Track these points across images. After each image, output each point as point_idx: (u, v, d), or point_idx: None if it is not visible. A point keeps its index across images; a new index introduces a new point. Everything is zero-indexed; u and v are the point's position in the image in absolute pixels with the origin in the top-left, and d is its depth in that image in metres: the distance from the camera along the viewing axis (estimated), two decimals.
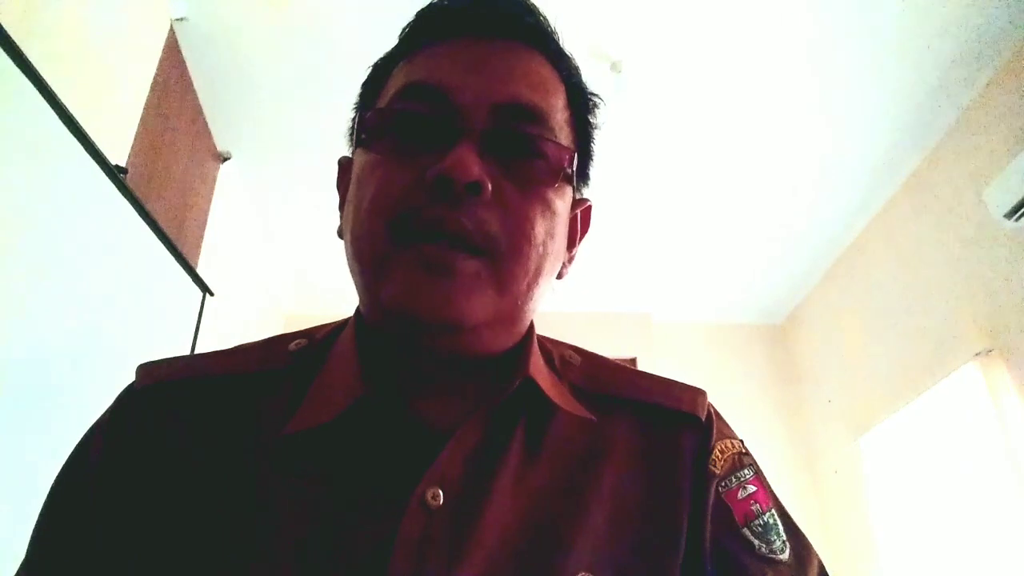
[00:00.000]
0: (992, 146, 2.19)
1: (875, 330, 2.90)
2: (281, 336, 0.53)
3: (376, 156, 0.46)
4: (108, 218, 1.63)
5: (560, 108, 0.48)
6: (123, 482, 0.44)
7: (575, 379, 0.52)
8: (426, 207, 0.42)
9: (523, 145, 0.46)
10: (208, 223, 2.50)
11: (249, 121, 2.49)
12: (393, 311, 0.42)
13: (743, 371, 3.68)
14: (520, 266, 0.44)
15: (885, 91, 2.29)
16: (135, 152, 1.89)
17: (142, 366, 0.50)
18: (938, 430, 2.44)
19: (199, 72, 2.25)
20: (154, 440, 0.44)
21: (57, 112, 1.38)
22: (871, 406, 2.88)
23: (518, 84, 0.46)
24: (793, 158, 2.61)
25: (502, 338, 0.47)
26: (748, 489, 0.50)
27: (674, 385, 0.53)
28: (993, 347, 2.17)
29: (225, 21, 2.08)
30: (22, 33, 1.29)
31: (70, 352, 1.47)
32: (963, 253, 2.33)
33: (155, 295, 1.91)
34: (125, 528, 0.43)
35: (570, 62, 0.51)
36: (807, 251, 3.20)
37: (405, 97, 0.46)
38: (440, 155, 0.42)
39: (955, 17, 2.01)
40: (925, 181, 2.57)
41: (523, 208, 0.44)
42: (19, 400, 1.30)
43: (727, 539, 0.47)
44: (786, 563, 0.48)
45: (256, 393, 0.47)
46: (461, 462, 0.43)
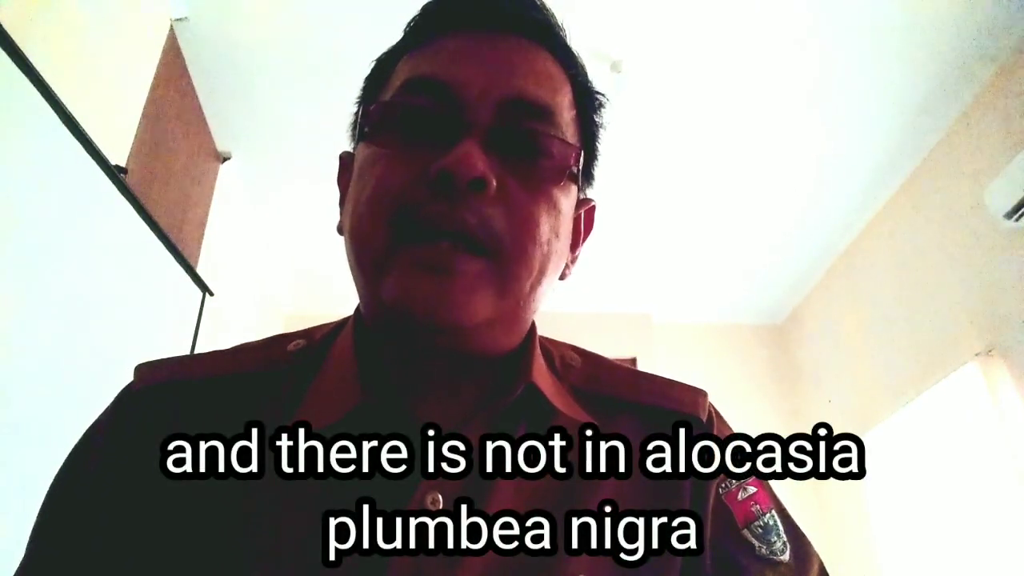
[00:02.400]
0: (992, 146, 2.19)
1: (875, 330, 2.90)
2: (280, 336, 0.52)
3: (378, 150, 0.45)
4: (108, 218, 1.63)
5: (566, 106, 0.48)
6: (121, 482, 0.44)
7: (576, 381, 0.51)
8: (428, 203, 0.41)
9: (529, 142, 0.45)
10: (208, 223, 2.50)
11: (249, 121, 2.48)
12: (393, 309, 0.42)
13: (743, 371, 3.68)
14: (524, 266, 0.43)
15: (885, 91, 2.29)
16: (135, 152, 1.89)
17: (140, 366, 0.50)
18: (938, 430, 2.44)
19: (199, 72, 2.25)
20: (153, 440, 0.44)
21: (57, 112, 1.38)
22: (871, 406, 2.88)
23: (524, 80, 0.45)
24: (793, 158, 2.61)
25: (503, 339, 0.47)
26: (748, 490, 0.49)
27: (675, 386, 0.53)
28: (993, 347, 2.17)
29: (225, 21, 2.08)
30: (22, 33, 1.28)
31: (70, 352, 1.47)
32: (963, 253, 2.33)
33: (155, 295, 1.91)
34: (124, 528, 0.43)
35: (576, 60, 0.51)
36: (807, 251, 3.20)
37: (409, 91, 0.46)
38: (444, 150, 0.41)
39: (955, 17, 2.01)
40: (925, 181, 2.57)
41: (528, 206, 0.43)
42: (19, 400, 1.30)
43: (727, 540, 0.47)
44: (786, 564, 0.48)
45: (255, 393, 0.47)
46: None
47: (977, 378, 2.21)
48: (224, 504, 0.42)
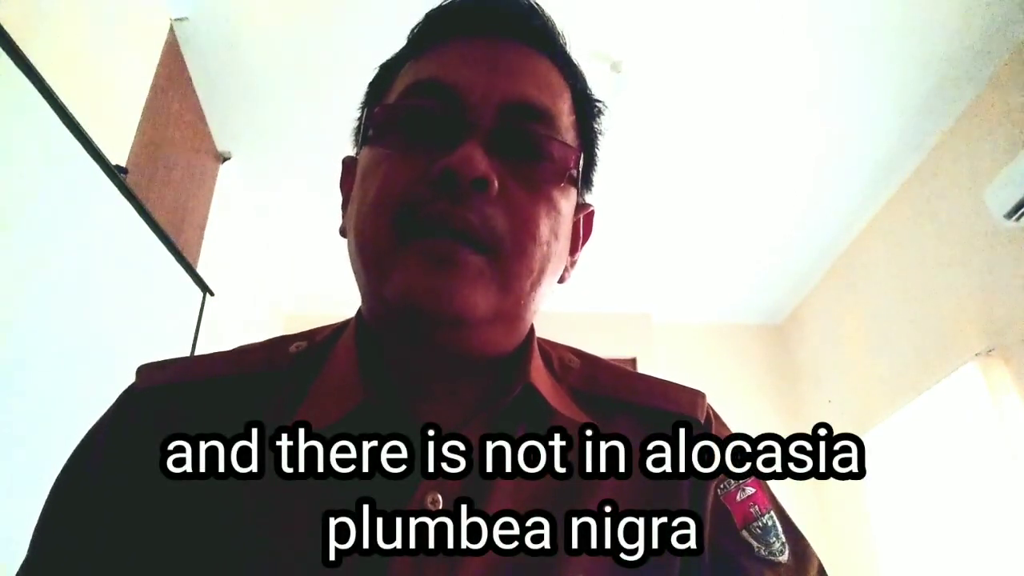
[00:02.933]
0: (992, 146, 2.19)
1: (875, 330, 2.90)
2: (282, 338, 0.53)
3: (382, 152, 0.46)
4: (108, 218, 1.63)
5: (566, 111, 0.49)
6: (123, 483, 0.44)
7: (574, 382, 0.52)
8: (430, 202, 0.42)
9: (530, 144, 0.46)
10: (208, 223, 2.50)
11: (249, 121, 2.49)
12: (397, 305, 0.42)
13: (743, 371, 3.68)
14: (524, 265, 0.44)
15: (885, 91, 2.29)
16: (135, 152, 1.89)
17: (142, 367, 0.50)
18: (938, 430, 2.44)
19: (199, 72, 2.25)
20: (154, 441, 0.44)
21: (57, 112, 1.38)
22: (871, 406, 2.88)
23: (526, 84, 0.46)
24: (793, 158, 2.61)
25: (503, 338, 0.47)
26: (747, 491, 0.50)
27: (673, 387, 0.53)
28: (993, 347, 2.17)
29: (225, 21, 2.08)
30: (23, 33, 1.29)
31: (70, 352, 1.47)
32: (963, 253, 2.33)
33: (155, 295, 1.91)
34: (125, 529, 0.43)
35: (575, 67, 0.52)
36: (807, 251, 3.21)
37: (413, 94, 0.46)
38: (447, 151, 0.42)
39: (955, 17, 2.01)
40: (925, 181, 2.57)
41: (528, 207, 0.44)
42: (19, 400, 1.30)
43: (726, 541, 0.47)
44: (785, 565, 0.48)
45: (256, 395, 0.47)
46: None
47: (977, 378, 2.21)
48: (224, 504, 0.42)
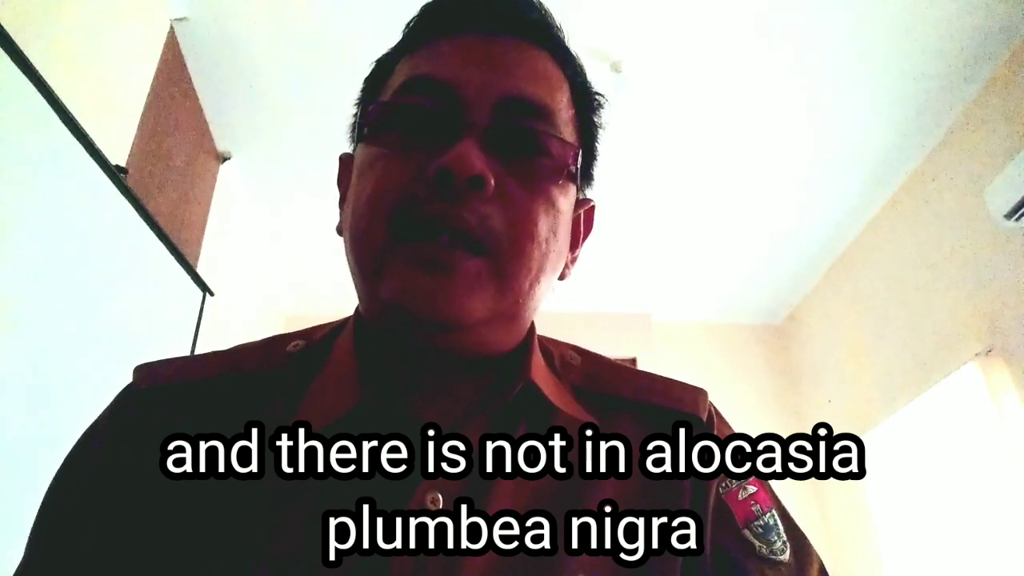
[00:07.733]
0: (992, 146, 2.19)
1: (875, 330, 2.90)
2: (280, 336, 0.52)
3: (378, 150, 0.45)
4: (108, 218, 1.63)
5: (564, 106, 0.48)
6: (120, 483, 0.44)
7: (576, 380, 0.51)
8: (427, 201, 0.41)
9: (527, 141, 0.45)
10: (208, 223, 2.50)
11: (249, 121, 2.48)
12: (391, 308, 0.42)
13: (743, 371, 3.68)
14: (522, 264, 0.43)
15: (885, 91, 2.29)
16: (135, 152, 1.89)
17: (140, 367, 0.50)
18: (938, 430, 2.44)
19: (199, 72, 2.25)
20: (152, 441, 0.44)
21: (57, 112, 1.38)
22: (871, 406, 2.88)
23: (523, 80, 0.46)
24: (793, 158, 2.61)
25: (502, 337, 0.47)
26: (748, 490, 0.49)
27: (675, 385, 0.53)
28: (993, 347, 2.17)
29: (225, 21, 2.08)
30: (23, 33, 1.28)
31: (70, 352, 1.47)
32: (963, 253, 2.33)
33: (155, 295, 1.91)
34: (123, 529, 0.43)
35: (575, 60, 0.51)
36: (807, 251, 3.20)
37: (408, 91, 0.46)
38: (443, 150, 0.41)
39: (955, 17, 2.01)
40: (925, 181, 2.57)
41: (526, 205, 0.44)
42: (19, 400, 1.30)
43: (727, 540, 0.47)
44: (786, 564, 0.48)
45: (254, 394, 0.47)
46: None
47: (977, 378, 2.21)
48: (224, 504, 0.42)
